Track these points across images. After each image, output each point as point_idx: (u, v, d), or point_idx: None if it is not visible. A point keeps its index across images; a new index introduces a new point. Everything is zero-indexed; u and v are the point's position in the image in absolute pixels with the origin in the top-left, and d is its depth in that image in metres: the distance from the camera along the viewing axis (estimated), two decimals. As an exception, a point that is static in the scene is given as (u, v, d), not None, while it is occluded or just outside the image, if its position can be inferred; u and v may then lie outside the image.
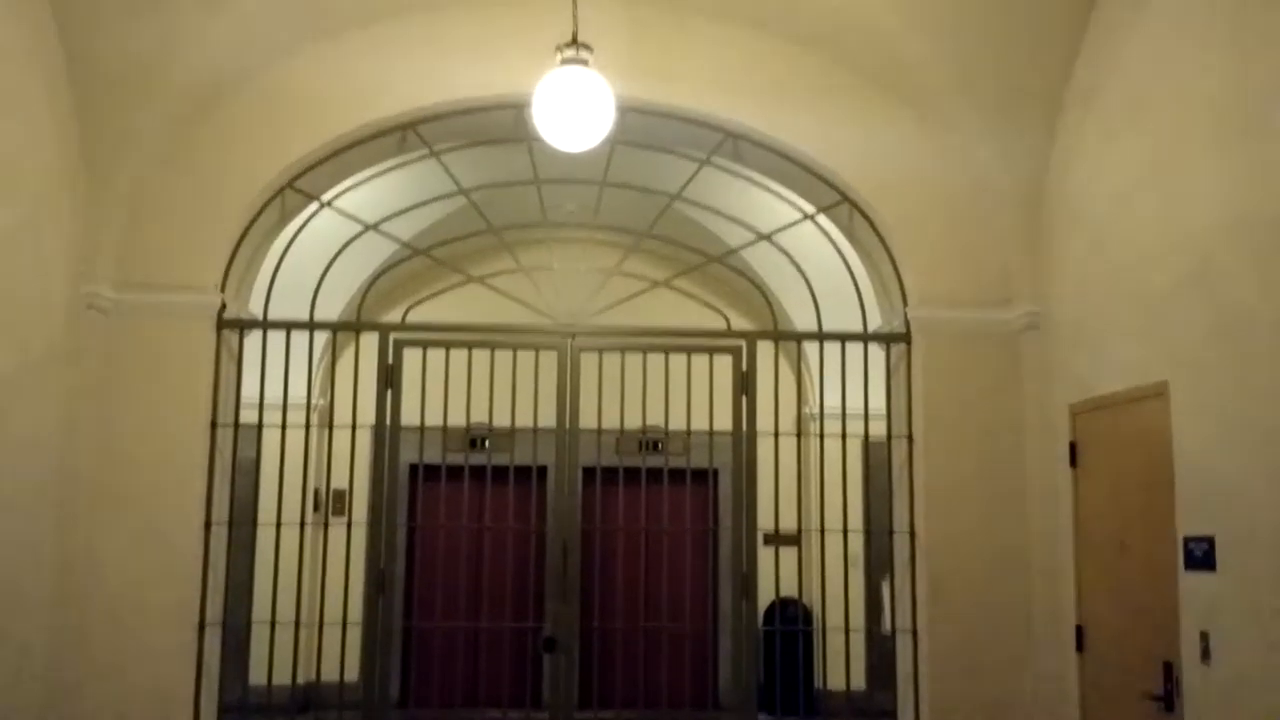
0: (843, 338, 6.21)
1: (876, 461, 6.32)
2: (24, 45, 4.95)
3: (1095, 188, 5.40)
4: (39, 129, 5.15)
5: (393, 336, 6.12)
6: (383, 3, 5.87)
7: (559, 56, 4.68)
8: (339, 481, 6.85)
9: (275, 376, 5.98)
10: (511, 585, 6.99)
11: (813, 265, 6.44)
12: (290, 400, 6.00)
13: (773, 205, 6.52)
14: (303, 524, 6.00)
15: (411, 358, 6.09)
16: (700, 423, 6.11)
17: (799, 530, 6.19)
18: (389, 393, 6.05)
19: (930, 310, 6.01)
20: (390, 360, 6.07)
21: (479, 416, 6.17)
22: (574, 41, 4.69)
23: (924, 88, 5.89)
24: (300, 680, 6.15)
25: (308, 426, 6.04)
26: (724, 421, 6.10)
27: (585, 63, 4.67)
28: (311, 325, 6.19)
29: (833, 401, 6.17)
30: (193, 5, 5.31)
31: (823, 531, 6.14)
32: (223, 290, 5.87)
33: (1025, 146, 5.84)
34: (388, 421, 6.03)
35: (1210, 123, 4.44)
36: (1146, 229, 4.91)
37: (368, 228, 6.29)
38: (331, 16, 5.84)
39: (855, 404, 6.14)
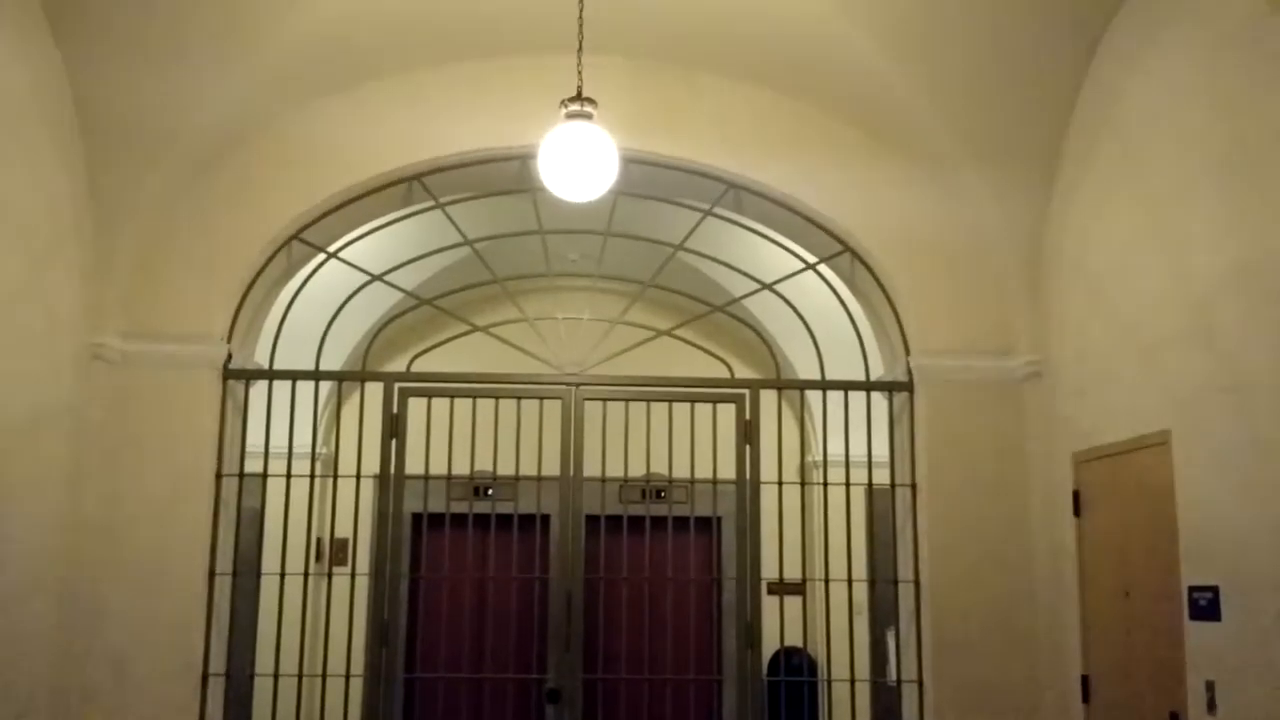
0: (845, 386, 6.23)
1: (880, 510, 6.31)
2: (34, 96, 5.02)
3: (1094, 239, 5.45)
4: (48, 179, 5.21)
5: (397, 386, 6.14)
6: (390, 58, 5.96)
7: (564, 111, 4.73)
8: (342, 531, 6.83)
9: (280, 426, 6.01)
10: (514, 635, 6.95)
11: (815, 314, 6.48)
12: (295, 450, 6.01)
13: (775, 255, 6.56)
14: (306, 574, 5.99)
15: (416, 407, 6.11)
16: (704, 471, 6.12)
17: (803, 579, 6.18)
18: (393, 442, 6.06)
19: (932, 359, 6.04)
20: (395, 410, 6.09)
21: (483, 465, 6.18)
22: (579, 96, 4.75)
23: (924, 141, 5.96)
24: (302, 732, 6.12)
25: (312, 476, 6.05)
26: (727, 470, 6.11)
27: (589, 117, 4.72)
28: (317, 375, 6.23)
29: (836, 450, 6.18)
30: (202, 59, 5.38)
31: (827, 580, 6.12)
32: (229, 341, 5.91)
33: (1024, 198, 5.90)
34: (392, 471, 6.05)
35: (1206, 176, 4.49)
36: (1145, 280, 4.95)
37: (373, 278, 6.34)
38: (339, 71, 5.92)
39: (859, 452, 6.14)
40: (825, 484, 6.17)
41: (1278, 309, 4.04)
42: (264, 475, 6.09)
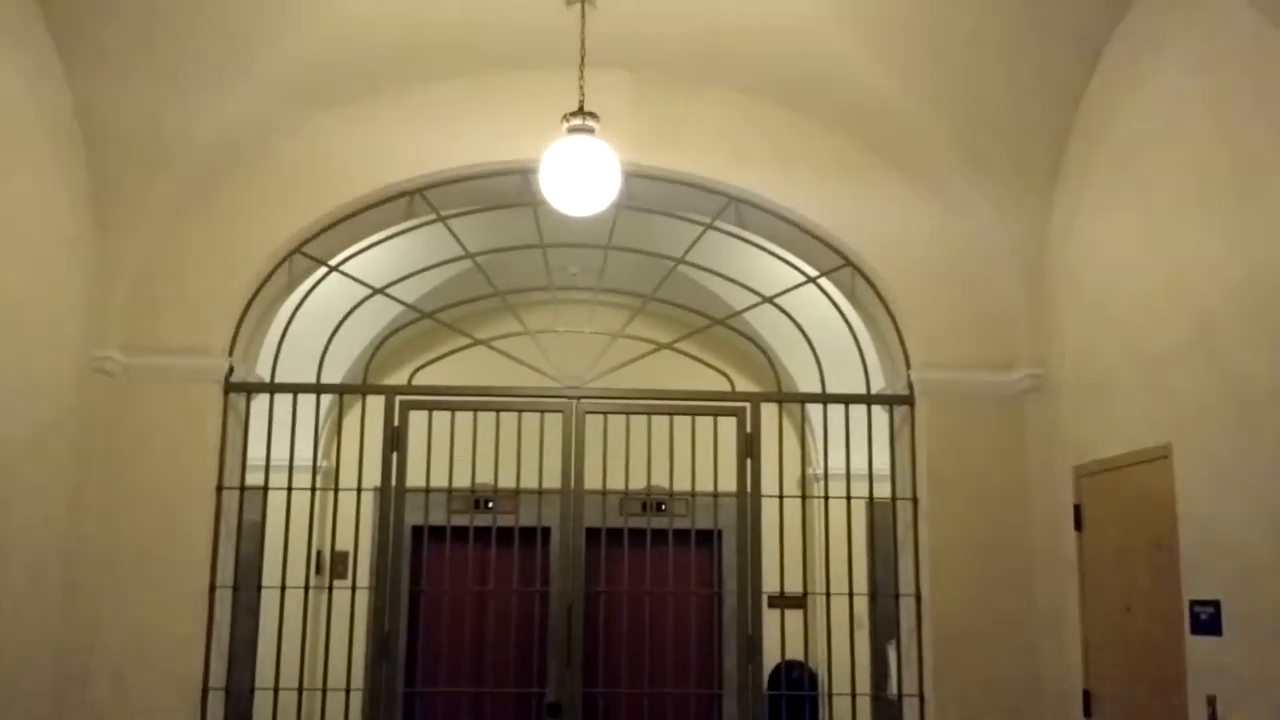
0: (846, 400, 6.24)
1: (881, 523, 6.31)
2: (37, 110, 5.03)
3: (1094, 253, 5.46)
4: (51, 193, 5.23)
5: (398, 399, 6.15)
6: (392, 72, 5.98)
7: (565, 125, 4.75)
8: (343, 544, 6.83)
9: (281, 439, 6.01)
10: (515, 648, 6.95)
11: (816, 328, 6.48)
12: (296, 463, 6.01)
13: (776, 269, 6.58)
14: (307, 587, 5.98)
15: (417, 420, 6.11)
16: (704, 484, 6.12)
17: (804, 592, 6.17)
18: (394, 455, 6.07)
19: (933, 373, 6.04)
20: (396, 423, 6.09)
21: (484, 478, 6.18)
22: (580, 110, 4.77)
23: (925, 155, 5.98)
24: (302, 746, 6.11)
25: (313, 489, 6.05)
26: (728, 483, 6.11)
27: (591, 131, 4.74)
28: (318, 388, 6.23)
29: (837, 463, 6.18)
30: (205, 73, 5.40)
31: (828, 594, 6.12)
32: (230, 354, 5.91)
33: (1024, 212, 5.91)
34: (393, 484, 6.05)
35: (1206, 190, 4.50)
36: (1145, 293, 4.96)
37: (375, 291, 6.35)
38: (342, 85, 5.94)
39: (859, 466, 6.14)
40: (826, 497, 6.17)
41: (1278, 323, 4.04)
42: (265, 488, 6.09)
